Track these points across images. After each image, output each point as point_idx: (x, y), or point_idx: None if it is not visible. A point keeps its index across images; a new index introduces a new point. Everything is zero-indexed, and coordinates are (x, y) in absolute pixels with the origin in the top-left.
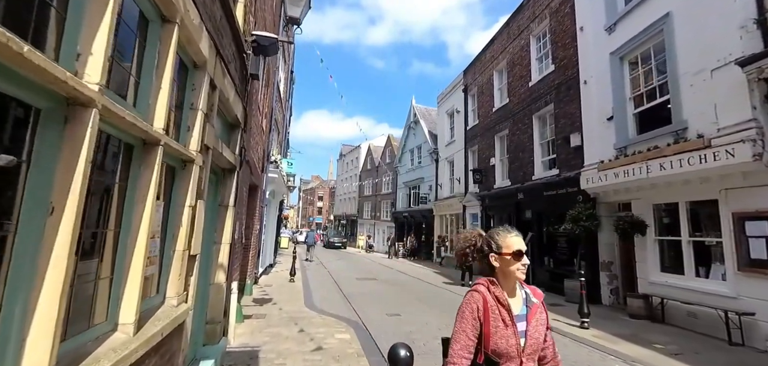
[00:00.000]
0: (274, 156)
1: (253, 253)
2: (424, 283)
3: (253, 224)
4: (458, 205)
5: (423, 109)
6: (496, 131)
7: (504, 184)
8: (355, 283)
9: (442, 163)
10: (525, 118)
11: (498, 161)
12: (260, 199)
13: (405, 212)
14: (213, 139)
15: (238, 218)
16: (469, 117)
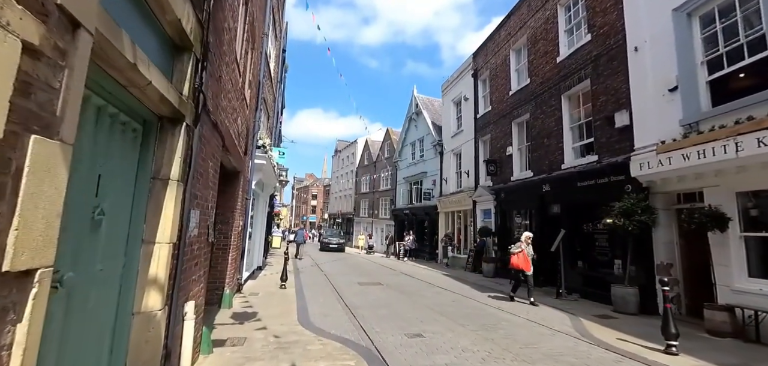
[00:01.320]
0: (263, 140)
1: (234, 256)
2: (437, 289)
3: (234, 219)
4: (467, 201)
5: (425, 100)
6: (514, 117)
7: (524, 175)
8: (357, 290)
9: (447, 156)
10: (551, 100)
11: (516, 150)
12: (244, 189)
13: (406, 209)
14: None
15: (200, 205)
16: (480, 104)
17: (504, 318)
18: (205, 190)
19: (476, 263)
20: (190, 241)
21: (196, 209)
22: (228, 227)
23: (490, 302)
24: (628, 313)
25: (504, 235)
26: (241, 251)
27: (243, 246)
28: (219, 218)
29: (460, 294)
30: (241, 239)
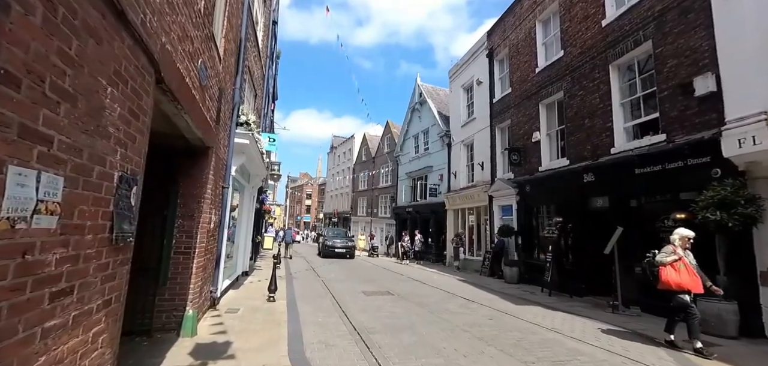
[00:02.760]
0: (246, 115)
1: (203, 262)
2: (461, 300)
3: (202, 212)
4: (482, 196)
5: (430, 89)
6: (542, 97)
7: (556, 164)
8: (364, 303)
9: (456, 148)
10: (594, 73)
11: (544, 136)
12: (219, 175)
13: (408, 207)
14: None
15: (58, 160)
16: (496, 87)
17: (576, 350)
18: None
19: (494, 267)
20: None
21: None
22: (192, 223)
23: (539, 321)
24: (725, 336)
25: (529, 234)
26: (215, 256)
27: (218, 249)
28: (180, 211)
29: (492, 308)
30: (217, 240)
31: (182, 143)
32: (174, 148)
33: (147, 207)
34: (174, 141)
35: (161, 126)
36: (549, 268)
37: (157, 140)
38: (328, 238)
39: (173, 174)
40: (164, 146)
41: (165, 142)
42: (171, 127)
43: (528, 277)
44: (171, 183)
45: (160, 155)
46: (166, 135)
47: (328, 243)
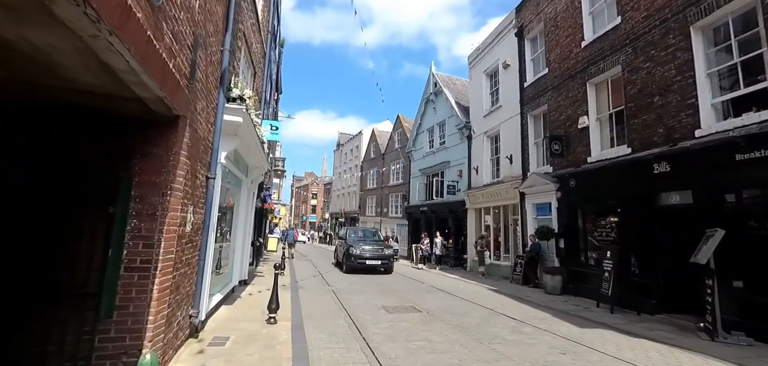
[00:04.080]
0: (239, 88)
1: (170, 282)
2: (506, 319)
3: (168, 208)
4: (510, 193)
5: (446, 78)
6: (591, 75)
7: (613, 153)
8: (387, 324)
9: (477, 140)
10: (668, 37)
11: (594, 121)
12: (196, 158)
13: (422, 206)
14: None
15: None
16: (528, 69)
17: None
18: None
19: (529, 274)
20: None
21: None
22: (154, 225)
23: (627, 355)
24: None
25: (574, 236)
26: (197, 269)
27: (202, 259)
28: (135, 207)
29: (553, 332)
30: (200, 248)
31: (136, 108)
32: (124, 114)
33: (79, 200)
34: (122, 104)
35: (97, 75)
36: (608, 278)
37: (94, 101)
38: (354, 244)
39: (124, 153)
40: (107, 111)
41: (108, 105)
42: (111, 79)
43: (573, 288)
44: (120, 166)
45: (102, 124)
46: (108, 96)
47: (353, 251)
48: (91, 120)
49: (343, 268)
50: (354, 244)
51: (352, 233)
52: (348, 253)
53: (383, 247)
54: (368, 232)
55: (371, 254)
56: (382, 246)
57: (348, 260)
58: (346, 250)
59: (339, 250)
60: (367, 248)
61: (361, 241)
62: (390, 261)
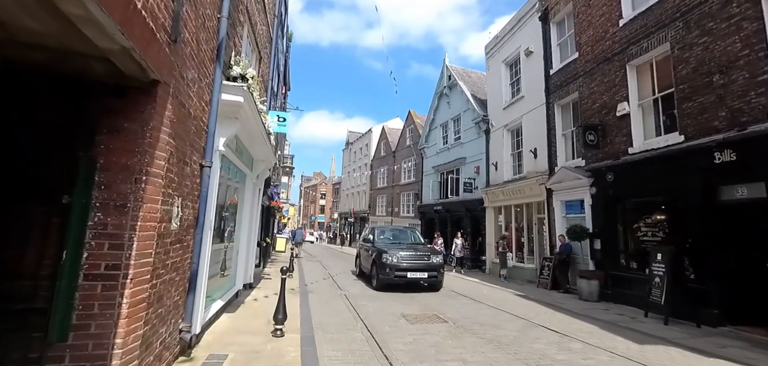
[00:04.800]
0: (241, 66)
1: (143, 293)
2: (547, 331)
3: (144, 199)
4: (536, 190)
5: (460, 70)
6: (632, 56)
7: (661, 141)
8: (410, 337)
9: (496, 135)
10: (729, 7)
11: (635, 107)
12: (187, 140)
13: (436, 205)
14: None
15: None
16: (554, 55)
17: None
18: None
19: (559, 278)
20: None
21: None
22: (123, 220)
23: None
24: None
25: (612, 236)
26: (187, 274)
27: (194, 263)
28: (99, 196)
29: (607, 349)
30: (193, 249)
31: (102, 69)
32: (86, 78)
33: (22, 188)
34: (84, 64)
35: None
36: (660, 284)
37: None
38: (388, 249)
39: (86, 128)
40: (66, 74)
41: (66, 65)
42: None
43: (612, 294)
44: (80, 144)
45: (57, 90)
46: (65, 53)
47: (388, 259)
48: (44, 85)
49: (372, 283)
50: (388, 250)
51: (381, 234)
52: (381, 261)
53: (429, 253)
54: (402, 231)
55: (413, 264)
56: (427, 252)
57: (381, 272)
58: (375, 257)
59: (363, 256)
60: (406, 255)
61: (395, 245)
62: (439, 273)
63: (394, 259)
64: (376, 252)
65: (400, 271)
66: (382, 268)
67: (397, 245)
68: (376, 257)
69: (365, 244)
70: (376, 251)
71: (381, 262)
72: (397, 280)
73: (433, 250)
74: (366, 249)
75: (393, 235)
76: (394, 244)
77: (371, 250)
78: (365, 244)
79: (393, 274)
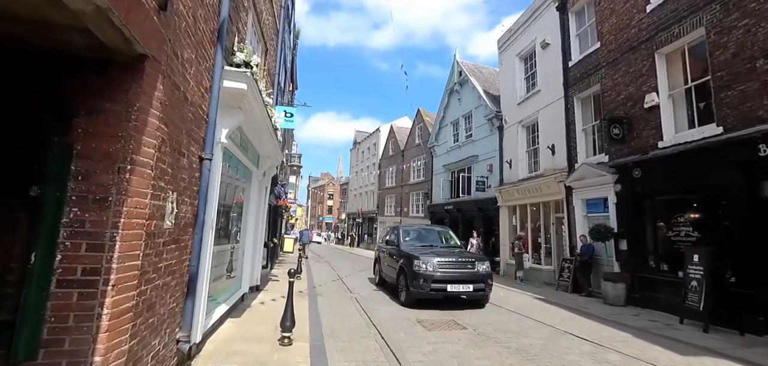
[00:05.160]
0: (245, 55)
1: (128, 302)
2: (578, 343)
3: (127, 192)
4: (554, 188)
5: (471, 66)
6: (661, 44)
7: (695, 134)
8: (428, 346)
9: (510, 131)
10: None
11: (665, 98)
12: (183, 128)
13: (447, 205)
14: None
15: None
16: (573, 46)
17: None
18: None
19: (580, 281)
20: None
21: None
22: (104, 216)
23: None
24: None
25: (639, 236)
26: (185, 278)
27: (193, 266)
28: (76, 188)
29: (650, 362)
30: (191, 250)
31: (83, 42)
32: (64, 53)
33: None
34: (64, 36)
35: None
36: (698, 288)
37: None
38: (420, 254)
39: (60, 109)
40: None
41: (44, 37)
42: None
43: (640, 298)
44: (54, 127)
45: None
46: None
47: (422, 267)
48: (10, 60)
49: (400, 296)
50: (420, 256)
51: (407, 235)
52: (412, 271)
53: (473, 260)
54: (430, 231)
55: (454, 273)
56: (469, 258)
57: (413, 283)
58: (404, 264)
59: (385, 262)
60: (444, 262)
61: (427, 249)
62: (486, 285)
63: (429, 267)
64: (404, 258)
65: (437, 284)
66: (414, 278)
67: (429, 249)
68: (405, 265)
69: (387, 248)
70: (405, 257)
71: (412, 271)
72: (433, 295)
73: (478, 256)
74: (389, 253)
75: (422, 237)
76: (425, 248)
77: (396, 256)
78: (387, 248)
79: (428, 287)
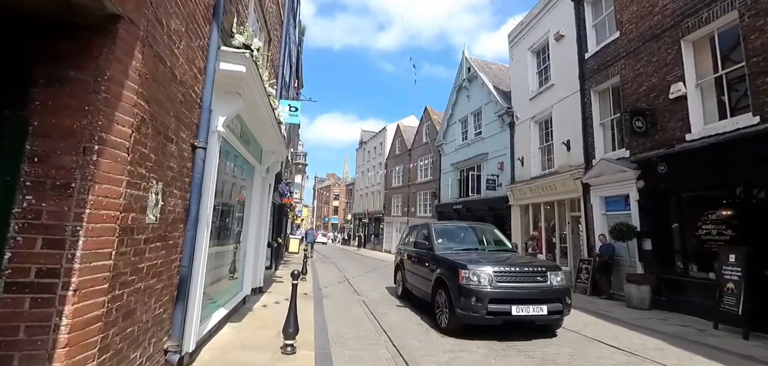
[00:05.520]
0: (245, 38)
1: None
2: (611, 352)
3: (94, 178)
4: (570, 185)
5: (480, 62)
6: (687, 31)
7: (727, 125)
8: (445, 356)
9: (522, 127)
10: None
11: (692, 88)
12: (170, 110)
13: (456, 204)
14: None
15: None
16: (589, 37)
17: None
18: None
19: (600, 282)
20: None
21: None
22: (64, 206)
23: None
24: None
25: (664, 236)
26: (174, 281)
27: (184, 267)
28: (29, 170)
29: None
30: (183, 248)
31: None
32: (15, 11)
33: None
34: None
35: None
36: (736, 291)
37: None
38: (470, 262)
39: (15, 78)
40: None
41: None
42: None
43: (667, 301)
44: (7, 99)
45: None
46: None
47: (474, 280)
48: None
49: (442, 322)
50: (468, 263)
51: (441, 235)
52: (458, 284)
53: (543, 269)
54: (468, 231)
55: (519, 289)
56: (537, 267)
57: (462, 302)
58: (444, 275)
59: (412, 270)
60: (503, 271)
61: (473, 254)
62: (565, 303)
63: (482, 279)
64: (443, 267)
65: (497, 303)
66: (461, 296)
67: (475, 253)
68: (446, 276)
69: (415, 252)
70: (444, 265)
71: (458, 285)
72: (491, 320)
73: (548, 263)
74: (418, 259)
75: (459, 237)
76: (470, 252)
77: (430, 263)
78: (415, 252)
79: (483, 309)
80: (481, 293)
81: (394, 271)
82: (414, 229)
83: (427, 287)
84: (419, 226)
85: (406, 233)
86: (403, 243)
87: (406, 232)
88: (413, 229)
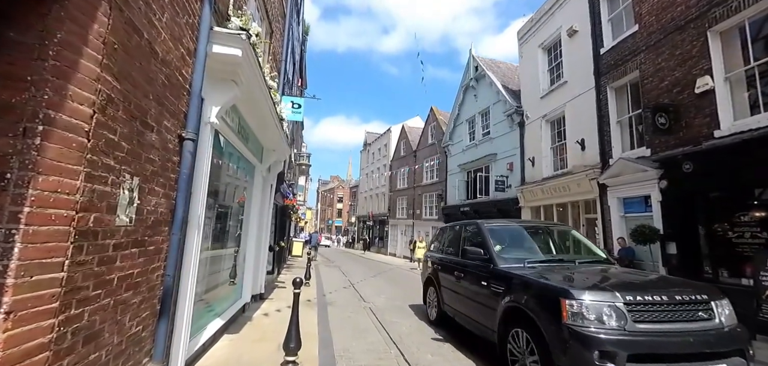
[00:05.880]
0: (242, 20)
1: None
2: None
3: (37, 165)
4: (585, 186)
5: (488, 61)
6: (714, 21)
7: (762, 121)
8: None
9: (532, 127)
10: None
11: (721, 81)
12: (159, 99)
13: (463, 206)
14: None
15: None
16: (605, 32)
17: None
18: None
19: None
20: None
21: None
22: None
23: None
24: None
25: (690, 239)
26: (157, 293)
27: (168, 278)
28: None
29: None
30: (167, 255)
31: None
32: None
33: None
34: None
35: None
36: None
37: None
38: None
39: None
40: None
41: None
42: None
43: None
44: None
45: None
46: None
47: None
48: None
49: None
50: (571, 289)
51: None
52: (560, 325)
53: (704, 295)
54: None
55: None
56: (691, 294)
57: (574, 357)
58: (531, 304)
59: (452, 288)
60: (639, 303)
61: (558, 270)
62: (747, 358)
63: (606, 317)
64: (522, 291)
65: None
66: (571, 348)
67: (566, 269)
68: (532, 308)
69: (460, 263)
70: (528, 290)
71: (562, 327)
72: None
73: (705, 287)
74: (466, 273)
75: (528, 243)
76: (554, 266)
77: (492, 282)
78: (460, 263)
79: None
80: (611, 343)
81: (424, 287)
82: (450, 229)
83: (487, 319)
84: (462, 226)
85: (437, 236)
86: (434, 249)
87: (439, 234)
88: (449, 229)
